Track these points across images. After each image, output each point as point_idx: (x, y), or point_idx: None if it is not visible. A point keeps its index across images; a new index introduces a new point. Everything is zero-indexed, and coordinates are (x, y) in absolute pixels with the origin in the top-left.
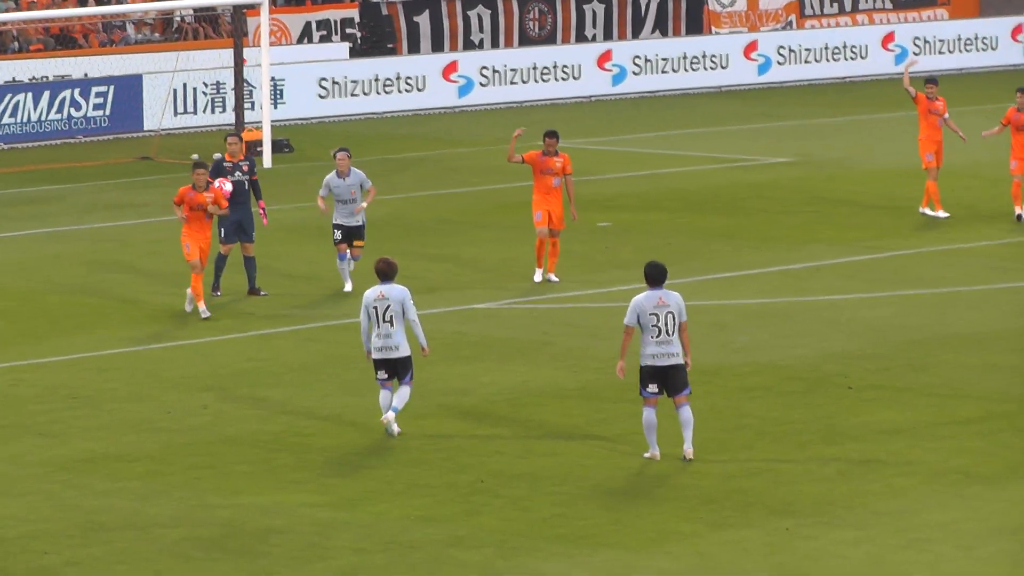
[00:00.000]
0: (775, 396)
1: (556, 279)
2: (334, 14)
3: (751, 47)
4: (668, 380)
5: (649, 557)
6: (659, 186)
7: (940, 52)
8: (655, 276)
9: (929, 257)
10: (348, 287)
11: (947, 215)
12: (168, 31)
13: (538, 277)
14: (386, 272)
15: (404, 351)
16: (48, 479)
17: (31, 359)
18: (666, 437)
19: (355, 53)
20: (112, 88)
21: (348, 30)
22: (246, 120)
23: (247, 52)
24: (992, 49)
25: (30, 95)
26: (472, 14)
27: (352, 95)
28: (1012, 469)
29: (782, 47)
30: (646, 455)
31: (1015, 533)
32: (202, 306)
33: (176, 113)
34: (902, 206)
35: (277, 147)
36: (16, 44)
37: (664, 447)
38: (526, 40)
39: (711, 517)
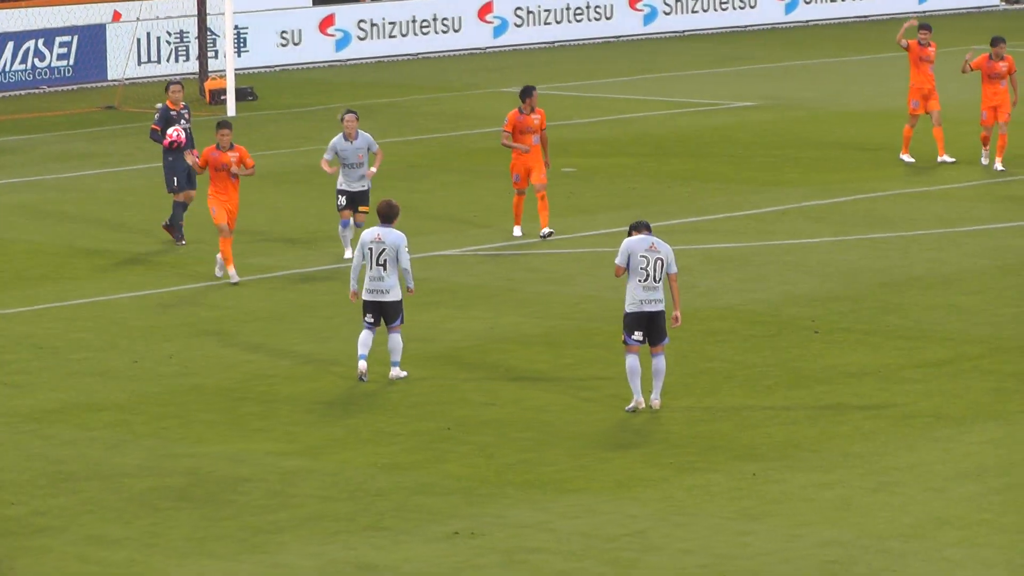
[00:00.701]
0: (740, 340)
1: (551, 230)
2: None
3: None
4: (651, 326)
5: (615, 502)
6: (624, 131)
7: None
8: (642, 225)
9: (896, 200)
10: (348, 254)
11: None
12: None
13: (517, 232)
14: (387, 214)
15: (395, 295)
16: (14, 429)
17: None
18: (625, 383)
19: (318, 1)
20: (76, 38)
21: None
22: (210, 69)
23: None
24: None
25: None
26: None
27: (316, 43)
28: (979, 410)
29: None
30: (628, 407)
31: (982, 475)
32: (231, 270)
33: (140, 62)
34: (869, 148)
35: (241, 95)
36: None
37: (626, 392)
38: None
39: (677, 462)
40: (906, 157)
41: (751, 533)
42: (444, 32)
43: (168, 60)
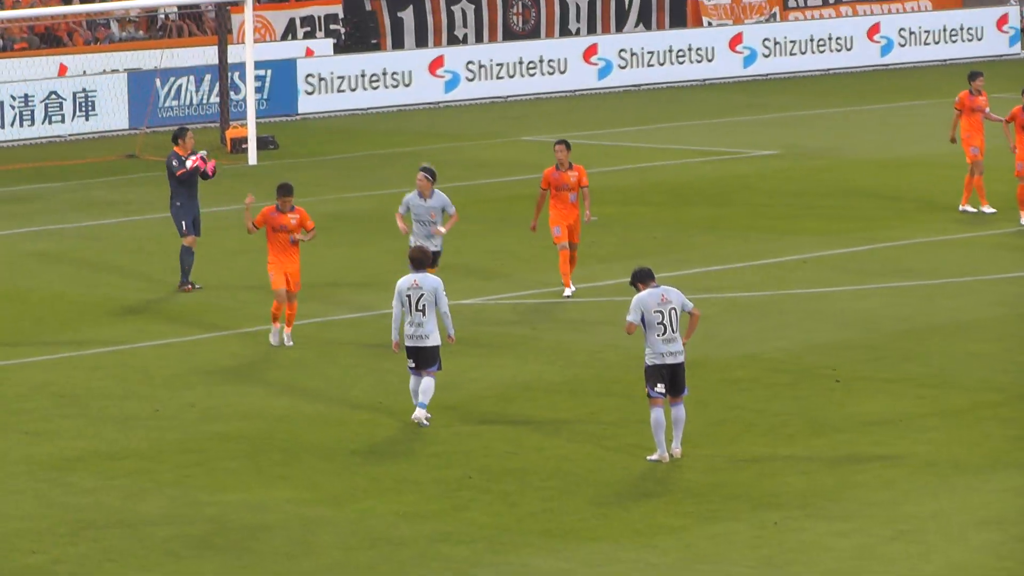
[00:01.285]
0: (761, 388)
1: (574, 289)
2: (318, 10)
3: (736, 39)
4: (673, 378)
5: (636, 550)
6: (644, 180)
7: (925, 43)
8: (643, 277)
9: (917, 248)
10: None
11: (993, 210)
12: (152, 28)
13: (568, 292)
14: (420, 260)
15: (434, 341)
16: (35, 477)
17: (16, 359)
18: (646, 431)
19: (339, 49)
20: (98, 86)
21: (332, 26)
22: (231, 118)
23: (231, 49)
24: (978, 40)
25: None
26: (456, 9)
27: (337, 91)
28: (999, 459)
29: (767, 39)
30: (651, 457)
31: (1002, 523)
32: (286, 333)
33: (160, 110)
34: (888, 196)
35: (262, 144)
36: (0, 42)
37: (648, 441)
38: (510, 35)
39: (698, 510)
40: (969, 208)
41: None
42: (471, 80)
43: (187, 108)
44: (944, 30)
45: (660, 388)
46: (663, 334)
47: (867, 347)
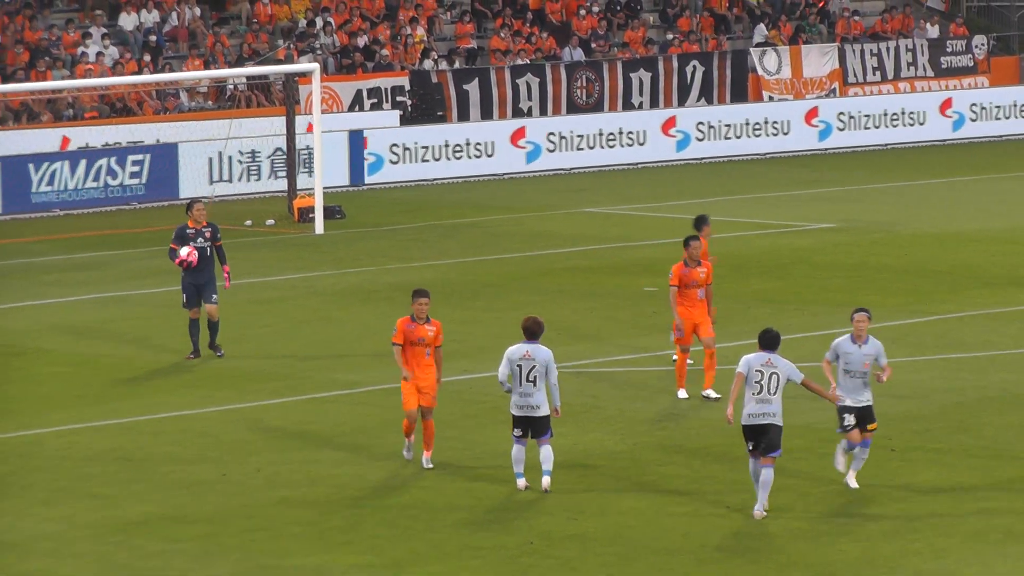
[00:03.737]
0: (816, 457)
1: (716, 395)
2: (384, 82)
3: (811, 113)
4: (761, 439)
5: None
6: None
7: (996, 118)
8: (766, 342)
9: (970, 321)
10: (852, 483)
11: None
12: (221, 99)
13: (683, 394)
14: (533, 331)
15: (544, 411)
16: (101, 540)
17: (84, 422)
18: (707, 497)
19: (405, 120)
20: (167, 155)
21: (399, 98)
22: (298, 187)
23: (298, 119)
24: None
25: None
26: (521, 82)
27: (404, 161)
28: None
29: (842, 113)
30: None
31: None
32: (409, 443)
33: (229, 179)
34: (942, 271)
35: (329, 213)
36: (71, 111)
37: (706, 509)
38: (574, 108)
39: None
40: None
41: None
42: (525, 153)
43: (240, 179)
44: (1015, 106)
45: (749, 445)
46: (757, 393)
47: (921, 418)
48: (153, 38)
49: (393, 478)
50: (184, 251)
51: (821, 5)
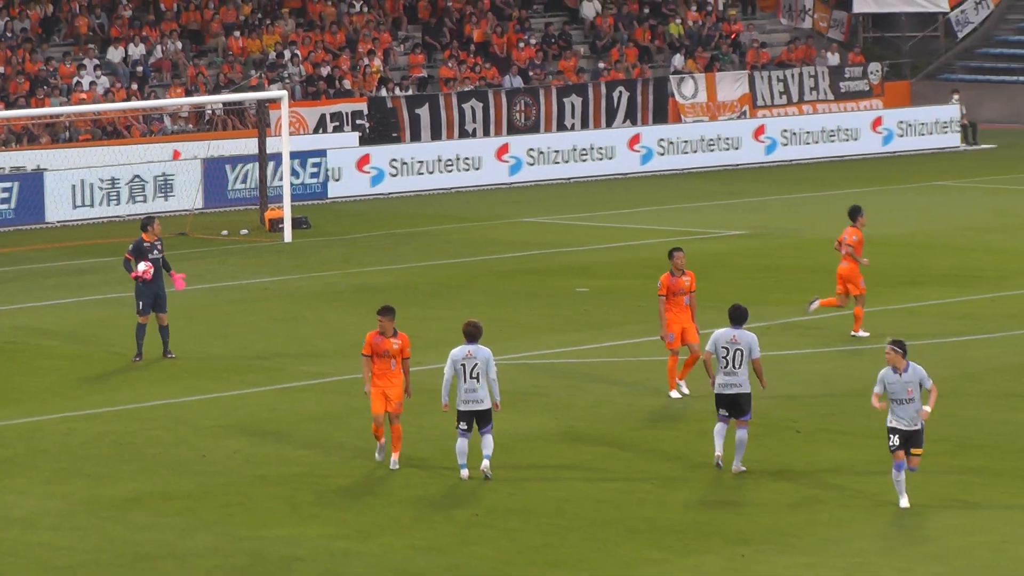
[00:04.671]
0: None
1: (686, 391)
2: (345, 107)
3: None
4: (732, 407)
5: None
6: (632, 256)
7: (892, 136)
8: (734, 316)
9: (869, 315)
10: (904, 502)
11: None
12: (200, 122)
13: (675, 395)
14: (473, 333)
15: (487, 404)
16: (97, 515)
17: (82, 410)
18: (633, 475)
19: (364, 141)
20: (152, 172)
21: (358, 121)
22: (268, 201)
23: (268, 140)
24: (933, 133)
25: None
26: (466, 106)
27: (362, 177)
28: (942, 500)
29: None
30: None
31: (945, 557)
32: (380, 444)
33: (206, 193)
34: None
35: (296, 224)
36: (67, 134)
37: (635, 487)
38: (513, 130)
39: (677, 545)
40: None
41: None
42: (466, 170)
43: (231, 192)
44: (899, 125)
45: (722, 412)
46: (724, 367)
47: (825, 403)
48: (140, 69)
49: (356, 459)
50: (141, 267)
51: (733, 37)
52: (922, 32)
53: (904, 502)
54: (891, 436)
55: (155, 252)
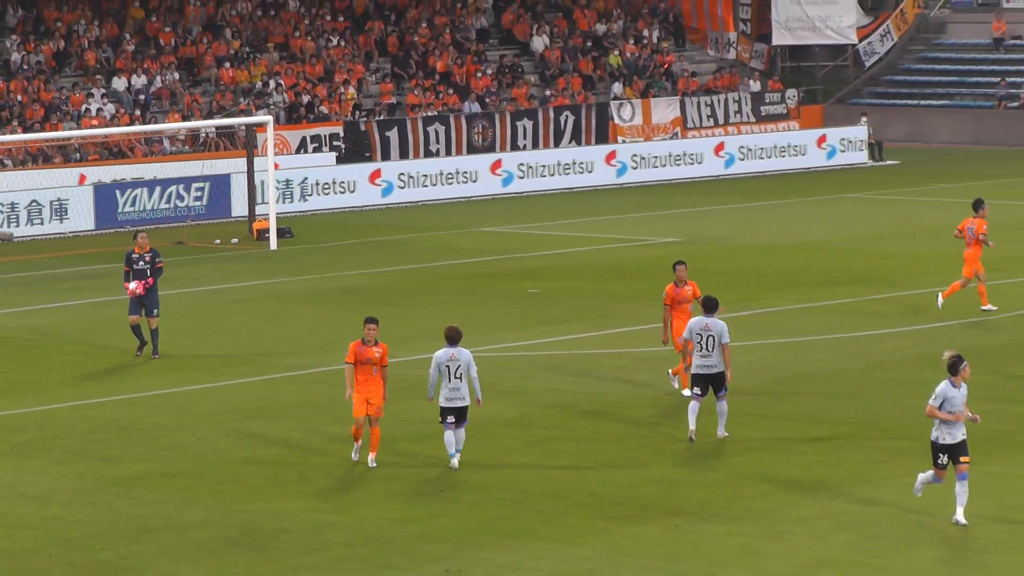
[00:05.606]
0: (670, 421)
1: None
2: (324, 130)
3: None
4: (710, 384)
5: (572, 548)
6: (578, 261)
7: (802, 154)
8: (707, 306)
9: (789, 313)
10: (961, 519)
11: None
12: (195, 144)
13: (688, 392)
14: (455, 337)
15: (467, 401)
16: (105, 492)
17: (91, 399)
18: (580, 453)
19: (340, 160)
20: (157, 188)
21: (335, 143)
22: (257, 213)
23: (256, 160)
24: (843, 151)
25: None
26: (431, 130)
27: (339, 192)
28: (854, 477)
29: (686, 151)
30: (688, 434)
31: (856, 526)
32: (357, 446)
33: (200, 208)
34: (765, 274)
35: (281, 233)
36: (77, 155)
37: (582, 463)
38: (472, 149)
39: (619, 515)
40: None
41: (677, 572)
42: (436, 185)
43: (220, 206)
44: (818, 144)
45: (697, 390)
46: (700, 351)
47: (750, 391)
48: (142, 97)
49: (334, 442)
50: (132, 285)
51: (666, 67)
52: (833, 61)
53: (962, 519)
54: (940, 455)
55: (142, 263)
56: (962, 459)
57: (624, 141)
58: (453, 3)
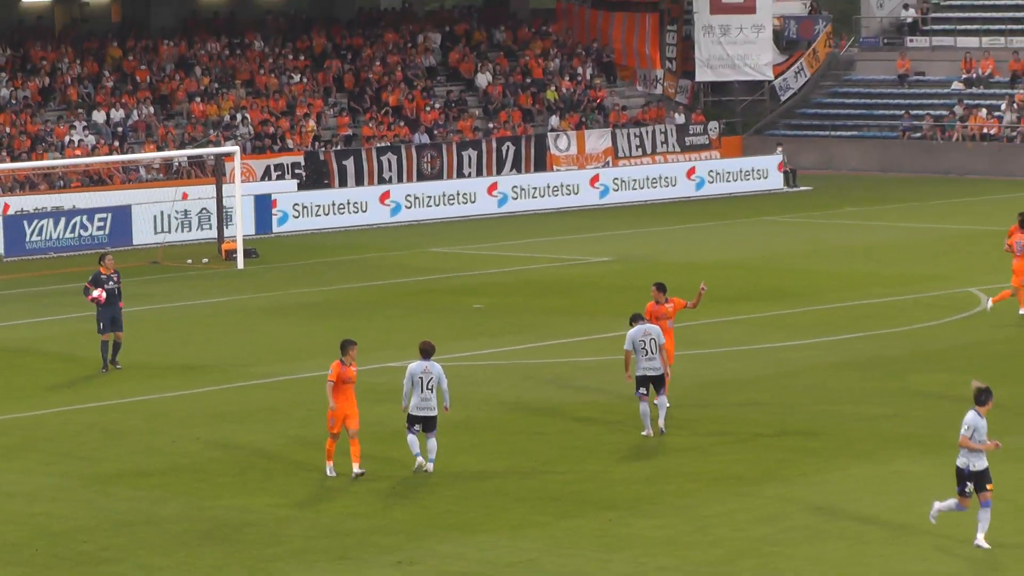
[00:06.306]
0: (601, 424)
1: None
2: (286, 159)
3: (594, 179)
4: (654, 382)
5: (514, 539)
6: (517, 278)
7: (728, 181)
8: (639, 316)
9: (708, 326)
10: (983, 544)
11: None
12: (169, 172)
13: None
14: (428, 351)
15: (436, 411)
16: (87, 489)
17: (74, 405)
18: (524, 454)
19: (301, 187)
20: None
21: (296, 171)
22: (225, 235)
23: (225, 187)
24: (761, 178)
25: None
26: (384, 159)
27: (300, 216)
28: (769, 474)
29: (616, 178)
30: (643, 433)
31: (773, 520)
32: (330, 465)
33: (174, 230)
34: (688, 289)
35: (248, 254)
36: (61, 183)
37: (521, 464)
38: (421, 177)
39: (557, 510)
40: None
41: (610, 561)
42: (408, 208)
43: (195, 228)
44: (737, 172)
45: (643, 391)
46: (645, 355)
47: (672, 398)
48: (120, 129)
49: (296, 443)
50: (96, 292)
51: (598, 101)
52: (751, 96)
53: (984, 543)
54: (966, 483)
55: (110, 283)
56: (988, 487)
57: (560, 169)
58: (404, 43)
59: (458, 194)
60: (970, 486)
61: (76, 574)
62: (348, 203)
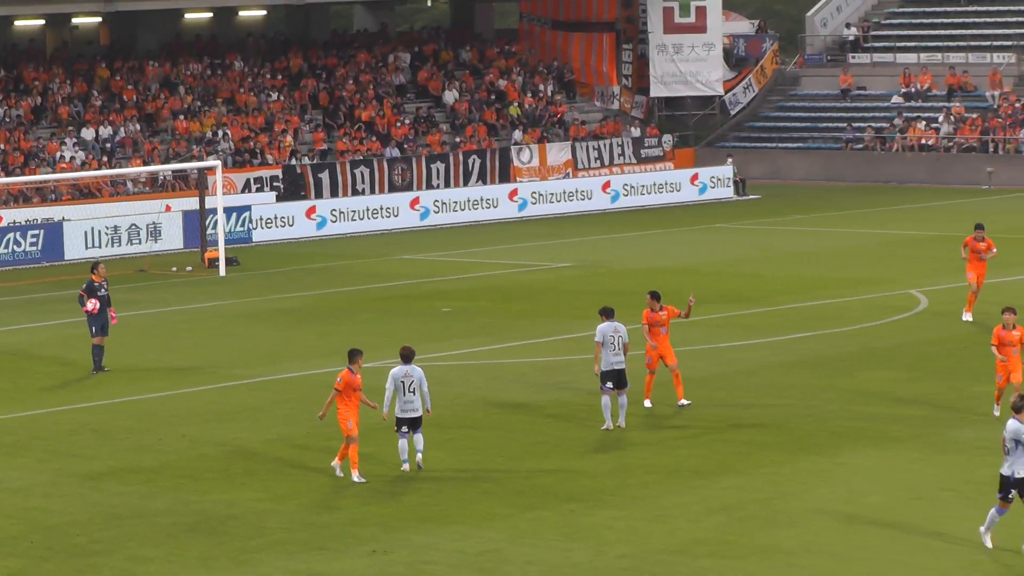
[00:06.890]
0: (563, 421)
1: (687, 401)
2: (265, 173)
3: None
4: (619, 378)
5: (482, 530)
6: (483, 284)
7: (676, 191)
8: (606, 313)
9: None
10: (987, 543)
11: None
12: (155, 186)
13: (648, 404)
14: (409, 356)
15: (420, 412)
16: (80, 486)
17: (68, 405)
18: (488, 451)
19: (280, 199)
20: (116, 223)
21: (274, 183)
22: (208, 244)
23: (207, 199)
24: (712, 188)
25: (73, 227)
26: (357, 172)
27: (279, 226)
28: (723, 467)
29: (565, 190)
30: (603, 427)
31: (728, 510)
32: (338, 464)
33: (159, 239)
34: (643, 293)
35: (229, 262)
36: (53, 196)
37: (490, 460)
38: (393, 188)
39: (521, 502)
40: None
41: (571, 550)
42: (363, 219)
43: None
44: (685, 182)
45: (609, 385)
46: (613, 350)
47: (633, 394)
48: (108, 145)
49: (278, 441)
50: (90, 304)
51: (559, 116)
52: (703, 110)
53: (988, 542)
54: (1010, 491)
55: (102, 291)
56: None
57: (523, 180)
58: (376, 63)
59: (430, 203)
60: (1014, 493)
61: (70, 565)
62: (325, 213)
